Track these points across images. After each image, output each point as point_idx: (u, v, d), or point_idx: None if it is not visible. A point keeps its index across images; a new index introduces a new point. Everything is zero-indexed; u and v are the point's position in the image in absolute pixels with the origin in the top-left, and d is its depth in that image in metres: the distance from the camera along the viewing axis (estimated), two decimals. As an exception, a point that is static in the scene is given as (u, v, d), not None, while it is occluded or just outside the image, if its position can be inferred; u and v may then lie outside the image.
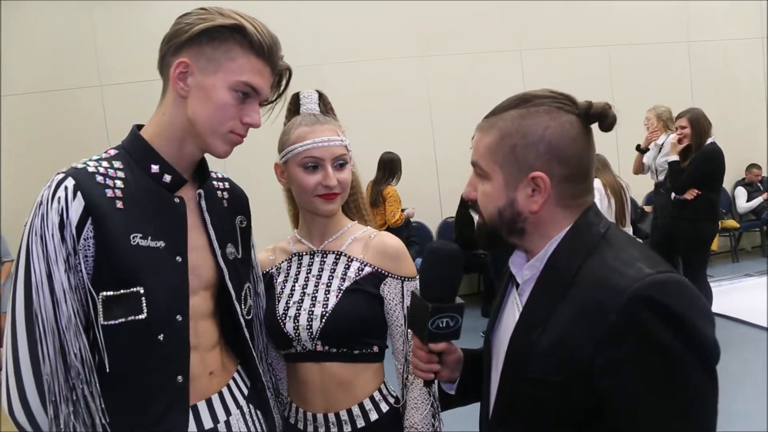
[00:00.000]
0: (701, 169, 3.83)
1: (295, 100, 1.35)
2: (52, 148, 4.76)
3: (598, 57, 6.09)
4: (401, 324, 1.30)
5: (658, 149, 4.39)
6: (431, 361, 1.05)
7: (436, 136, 5.77)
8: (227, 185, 1.26)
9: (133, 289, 1.01)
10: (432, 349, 1.03)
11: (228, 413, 1.15)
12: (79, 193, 0.99)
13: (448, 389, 1.15)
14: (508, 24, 5.89)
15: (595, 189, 3.12)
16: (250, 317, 1.24)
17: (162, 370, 1.04)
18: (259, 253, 1.37)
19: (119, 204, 1.02)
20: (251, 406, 1.21)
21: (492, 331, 1.03)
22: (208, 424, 1.11)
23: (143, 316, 1.01)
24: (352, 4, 5.49)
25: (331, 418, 1.28)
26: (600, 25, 6.08)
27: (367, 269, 1.30)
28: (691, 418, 0.78)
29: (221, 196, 1.23)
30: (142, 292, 1.01)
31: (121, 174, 1.05)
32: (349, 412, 1.28)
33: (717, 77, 6.35)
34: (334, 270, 1.31)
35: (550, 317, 0.86)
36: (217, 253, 1.15)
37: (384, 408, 1.30)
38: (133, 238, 1.02)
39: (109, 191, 1.02)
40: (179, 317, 1.06)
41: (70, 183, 0.99)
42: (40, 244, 0.97)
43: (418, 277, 1.11)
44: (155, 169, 1.08)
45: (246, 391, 1.22)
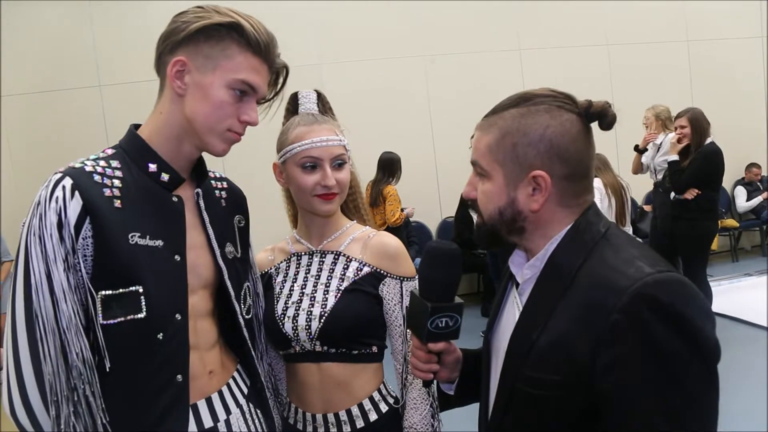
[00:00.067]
0: (701, 168, 3.83)
1: (294, 99, 1.35)
2: (51, 148, 4.76)
3: (598, 57, 6.09)
4: (400, 324, 1.30)
5: (657, 149, 4.39)
6: (430, 361, 1.05)
7: (436, 135, 5.77)
8: (225, 185, 1.26)
9: (132, 288, 1.00)
10: (431, 349, 1.03)
11: (228, 412, 1.15)
12: (77, 193, 0.98)
13: (447, 389, 1.15)
14: (508, 24, 5.90)
15: (596, 188, 3.13)
16: (250, 317, 1.24)
17: (162, 369, 1.04)
18: (257, 253, 1.37)
19: (117, 203, 1.02)
20: (251, 405, 1.21)
21: (491, 331, 1.03)
22: (208, 423, 1.11)
23: (142, 315, 1.01)
24: (351, 4, 5.49)
25: (330, 418, 1.28)
26: (600, 25, 6.09)
27: (365, 269, 1.29)
28: (692, 418, 0.77)
29: (219, 196, 1.23)
30: (141, 291, 1.01)
31: (118, 173, 1.05)
32: (349, 413, 1.28)
33: (717, 77, 6.35)
34: (333, 270, 1.31)
35: (550, 317, 0.86)
36: (216, 252, 1.15)
37: (383, 408, 1.30)
38: (131, 237, 1.01)
39: (107, 190, 1.02)
40: (178, 316, 1.05)
41: (68, 182, 0.99)
42: (39, 245, 0.96)
43: (417, 277, 1.10)
44: (153, 168, 1.07)
45: (246, 391, 1.21)
